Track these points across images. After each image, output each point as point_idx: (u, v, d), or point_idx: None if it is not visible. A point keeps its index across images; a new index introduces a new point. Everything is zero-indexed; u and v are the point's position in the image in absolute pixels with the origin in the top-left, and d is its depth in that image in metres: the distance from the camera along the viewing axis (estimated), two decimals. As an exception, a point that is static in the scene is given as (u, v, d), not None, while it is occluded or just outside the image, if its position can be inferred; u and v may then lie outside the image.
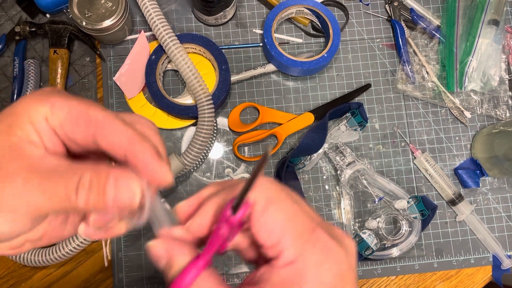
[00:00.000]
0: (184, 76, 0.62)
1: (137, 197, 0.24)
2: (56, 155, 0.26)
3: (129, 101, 0.66)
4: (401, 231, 0.63)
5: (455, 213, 0.66)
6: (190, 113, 0.63)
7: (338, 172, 0.64)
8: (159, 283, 0.62)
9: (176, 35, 0.63)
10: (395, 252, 0.62)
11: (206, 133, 0.61)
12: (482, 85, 0.67)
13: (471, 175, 0.66)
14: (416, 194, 0.64)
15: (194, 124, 0.66)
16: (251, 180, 0.24)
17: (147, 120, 0.28)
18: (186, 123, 0.66)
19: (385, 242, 0.62)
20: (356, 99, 0.68)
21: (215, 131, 0.66)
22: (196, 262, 0.25)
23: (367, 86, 0.68)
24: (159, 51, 0.64)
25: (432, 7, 0.72)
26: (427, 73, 0.69)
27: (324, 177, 0.66)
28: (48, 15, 0.69)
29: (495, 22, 0.67)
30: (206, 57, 0.67)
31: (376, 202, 0.64)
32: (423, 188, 0.66)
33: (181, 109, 0.63)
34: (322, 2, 0.69)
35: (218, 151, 0.66)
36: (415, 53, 0.70)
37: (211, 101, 0.62)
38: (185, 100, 0.65)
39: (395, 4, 0.70)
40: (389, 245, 0.63)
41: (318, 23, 0.69)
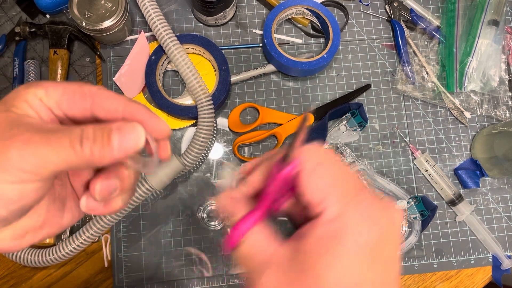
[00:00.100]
0: (184, 77, 0.62)
1: (142, 139, 0.25)
2: (55, 123, 0.27)
3: (129, 102, 0.66)
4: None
5: (455, 214, 0.66)
6: (190, 114, 0.63)
7: (338, 173, 0.64)
8: (159, 283, 0.62)
9: (176, 36, 0.63)
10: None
11: (206, 134, 0.61)
12: (482, 86, 0.67)
13: (471, 176, 0.66)
14: (416, 195, 0.64)
15: (194, 125, 0.66)
16: (295, 139, 0.27)
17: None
18: (186, 124, 0.66)
19: None
20: (356, 100, 0.68)
21: (215, 132, 0.66)
22: (252, 214, 0.28)
23: (367, 87, 0.68)
24: (159, 52, 0.64)
25: (432, 8, 0.72)
26: (427, 74, 0.69)
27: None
28: (48, 16, 0.69)
29: (495, 23, 0.67)
30: (206, 58, 0.67)
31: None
32: (423, 189, 0.66)
33: (181, 110, 0.63)
34: (322, 3, 0.69)
35: (218, 152, 0.66)
36: (415, 54, 0.70)
37: (211, 102, 0.62)
38: (185, 101, 0.65)
39: (395, 5, 0.70)
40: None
41: (318, 24, 0.69)
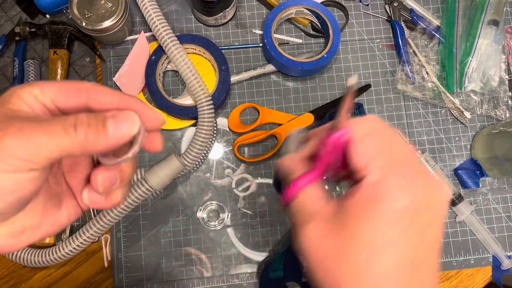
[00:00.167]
0: (184, 77, 0.62)
1: (137, 125, 0.26)
2: (48, 116, 0.27)
3: (129, 102, 0.66)
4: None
5: (455, 214, 0.66)
6: (190, 114, 0.63)
7: (338, 173, 0.64)
8: (159, 283, 0.62)
9: (176, 36, 0.63)
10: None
11: (206, 134, 0.61)
12: (482, 86, 0.67)
13: (471, 176, 0.66)
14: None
15: (194, 125, 0.66)
16: (340, 107, 0.31)
17: None
18: (186, 124, 0.66)
19: None
20: (356, 100, 0.68)
21: (215, 132, 0.66)
22: (308, 174, 0.32)
23: (367, 87, 0.68)
24: (159, 52, 0.64)
25: (432, 8, 0.72)
26: (427, 74, 0.69)
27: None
28: (48, 16, 0.69)
29: (495, 23, 0.67)
30: (206, 58, 0.67)
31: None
32: (423, 189, 0.66)
33: (181, 110, 0.63)
34: (322, 3, 0.69)
35: (218, 152, 0.66)
36: (415, 54, 0.70)
37: (211, 102, 0.62)
38: (185, 101, 0.65)
39: (395, 5, 0.70)
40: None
41: (318, 24, 0.69)
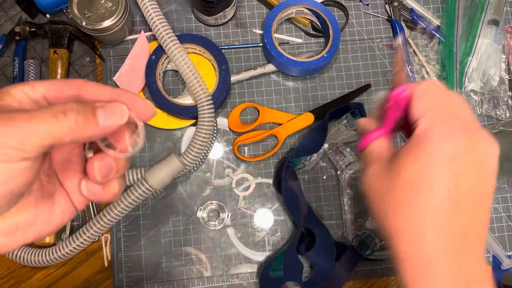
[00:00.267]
0: (184, 76, 0.62)
1: (126, 115, 0.27)
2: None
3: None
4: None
5: (455, 213, 0.66)
6: (190, 113, 0.63)
7: (338, 172, 0.64)
8: (159, 283, 0.62)
9: (176, 35, 0.63)
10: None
11: (206, 133, 0.61)
12: (482, 85, 0.67)
13: (471, 175, 0.66)
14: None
15: (194, 124, 0.66)
16: (395, 67, 0.38)
17: None
18: (186, 123, 0.66)
19: (385, 242, 0.62)
20: (356, 99, 0.68)
21: (215, 131, 0.66)
22: (377, 130, 0.38)
23: (367, 86, 0.68)
24: (159, 51, 0.64)
25: (432, 7, 0.72)
26: (427, 73, 0.69)
27: (324, 177, 0.66)
28: (48, 15, 0.69)
29: (495, 22, 0.67)
30: (206, 57, 0.67)
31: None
32: (423, 188, 0.66)
33: (181, 109, 0.63)
34: (322, 2, 0.69)
35: (218, 151, 0.66)
36: (415, 53, 0.70)
37: (211, 101, 0.62)
38: (185, 100, 0.65)
39: (395, 4, 0.70)
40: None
41: (318, 23, 0.69)
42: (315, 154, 0.65)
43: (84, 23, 0.61)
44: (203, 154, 0.65)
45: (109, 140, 0.28)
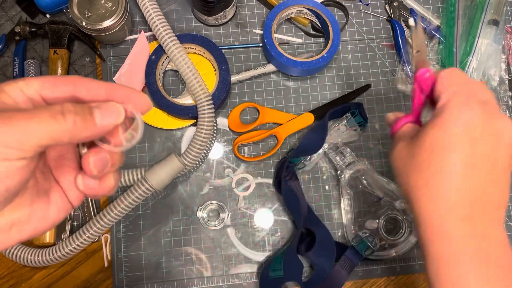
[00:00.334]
0: (184, 76, 0.62)
1: (122, 114, 0.27)
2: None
3: (129, 101, 0.66)
4: (401, 232, 0.63)
5: (455, 213, 0.66)
6: (190, 113, 0.63)
7: (338, 172, 0.64)
8: (159, 283, 0.62)
9: (176, 35, 0.63)
10: (395, 253, 0.62)
11: (206, 133, 0.61)
12: (482, 85, 0.67)
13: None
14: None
15: (194, 124, 0.66)
16: (415, 53, 0.42)
17: None
18: (186, 123, 0.66)
19: (385, 242, 0.62)
20: (356, 99, 0.68)
21: (215, 131, 0.66)
22: (405, 117, 0.44)
23: (367, 86, 0.68)
24: (159, 51, 0.64)
25: (432, 7, 0.72)
26: (427, 73, 0.69)
27: (324, 177, 0.66)
28: (48, 15, 0.69)
29: (495, 22, 0.67)
30: (206, 57, 0.67)
31: (376, 203, 0.64)
32: (423, 188, 0.66)
33: (181, 109, 0.64)
34: (322, 2, 0.69)
35: (218, 151, 0.66)
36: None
37: (211, 101, 0.62)
38: (185, 100, 0.65)
39: (395, 4, 0.70)
40: (389, 246, 0.63)
41: (318, 23, 0.69)
42: (315, 154, 0.65)
43: (84, 23, 0.61)
44: (203, 154, 0.65)
45: (104, 135, 0.28)
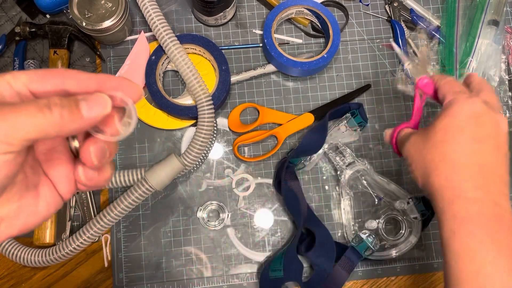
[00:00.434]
0: (184, 77, 0.62)
1: (109, 105, 0.27)
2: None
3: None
4: (401, 232, 0.63)
5: (455, 214, 0.66)
6: (190, 114, 0.63)
7: (338, 173, 0.64)
8: (159, 283, 0.62)
9: (176, 36, 0.63)
10: (395, 253, 0.62)
11: (206, 134, 0.61)
12: (482, 86, 0.67)
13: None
14: (416, 195, 0.64)
15: (194, 125, 0.66)
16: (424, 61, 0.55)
17: None
18: (186, 124, 0.66)
19: (385, 243, 0.62)
20: (356, 100, 0.68)
21: (215, 132, 0.66)
22: (406, 123, 0.51)
23: (367, 87, 0.68)
24: (159, 52, 0.64)
25: (432, 8, 0.72)
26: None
27: (324, 178, 0.66)
28: (48, 16, 0.69)
29: (495, 23, 0.67)
30: (206, 58, 0.67)
31: (376, 203, 0.64)
32: (423, 189, 0.66)
33: (181, 110, 0.64)
34: (322, 3, 0.69)
35: (218, 152, 0.66)
36: (415, 54, 0.70)
37: (211, 102, 0.62)
38: (185, 101, 0.65)
39: (395, 5, 0.70)
40: (389, 246, 0.63)
41: (318, 24, 0.69)
42: (315, 154, 0.65)
43: (84, 24, 0.61)
44: (203, 155, 0.65)
45: (99, 126, 0.28)
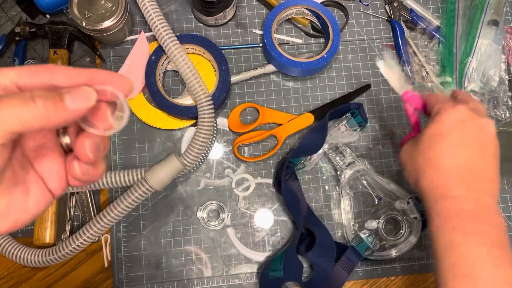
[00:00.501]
0: (184, 77, 0.62)
1: (93, 97, 0.27)
2: None
3: (129, 102, 0.66)
4: (401, 232, 0.63)
5: (455, 214, 0.66)
6: (190, 114, 0.63)
7: (338, 173, 0.64)
8: (159, 283, 0.62)
9: (176, 36, 0.63)
10: (395, 253, 0.62)
11: (206, 134, 0.61)
12: (482, 86, 0.67)
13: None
14: (416, 195, 0.64)
15: (194, 125, 0.66)
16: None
17: None
18: (186, 124, 0.66)
19: (385, 243, 0.62)
20: (356, 100, 0.68)
21: (215, 132, 0.66)
22: (410, 135, 0.54)
23: (367, 87, 0.68)
24: (159, 52, 0.64)
25: (432, 8, 0.72)
26: (427, 74, 0.69)
27: (324, 178, 0.66)
28: (48, 16, 0.69)
29: (495, 23, 0.67)
30: (206, 58, 0.67)
31: (376, 203, 0.64)
32: (423, 189, 0.66)
33: (181, 110, 0.64)
34: (322, 3, 0.69)
35: (218, 152, 0.66)
36: (415, 54, 0.70)
37: (211, 102, 0.62)
38: (185, 101, 0.65)
39: (395, 5, 0.70)
40: (389, 246, 0.63)
41: (318, 24, 0.69)
42: (315, 154, 0.65)
43: (84, 24, 0.61)
44: (203, 155, 0.65)
45: (91, 120, 0.28)
